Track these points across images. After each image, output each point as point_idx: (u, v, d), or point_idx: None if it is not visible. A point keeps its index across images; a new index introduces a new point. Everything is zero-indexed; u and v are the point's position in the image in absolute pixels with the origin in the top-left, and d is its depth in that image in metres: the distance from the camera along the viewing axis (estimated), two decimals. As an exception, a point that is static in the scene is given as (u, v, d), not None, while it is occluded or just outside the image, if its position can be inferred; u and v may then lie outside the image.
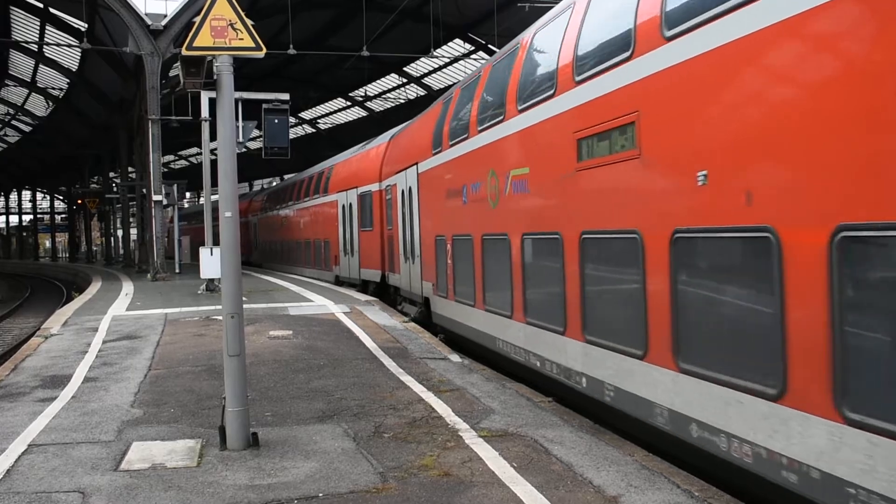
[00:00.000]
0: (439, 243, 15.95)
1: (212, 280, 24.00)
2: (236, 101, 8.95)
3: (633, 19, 8.06)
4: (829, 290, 5.44)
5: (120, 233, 65.90)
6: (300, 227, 35.56)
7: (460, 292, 14.71)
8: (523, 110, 11.12)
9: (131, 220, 60.55)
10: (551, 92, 10.11)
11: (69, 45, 42.79)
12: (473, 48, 44.81)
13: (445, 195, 15.44)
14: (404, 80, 52.68)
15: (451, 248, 15.07)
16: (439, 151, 15.77)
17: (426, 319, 17.71)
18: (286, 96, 17.52)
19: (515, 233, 11.60)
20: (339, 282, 28.55)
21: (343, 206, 27.19)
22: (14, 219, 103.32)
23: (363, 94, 56.17)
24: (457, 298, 14.93)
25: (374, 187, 23.16)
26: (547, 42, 10.73)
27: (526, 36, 11.84)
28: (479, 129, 13.06)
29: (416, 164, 17.77)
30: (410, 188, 18.43)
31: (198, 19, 8.44)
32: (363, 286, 25.33)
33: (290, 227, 37.77)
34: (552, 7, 12.02)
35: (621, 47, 8.27)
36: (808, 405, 5.69)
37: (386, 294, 22.69)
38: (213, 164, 10.37)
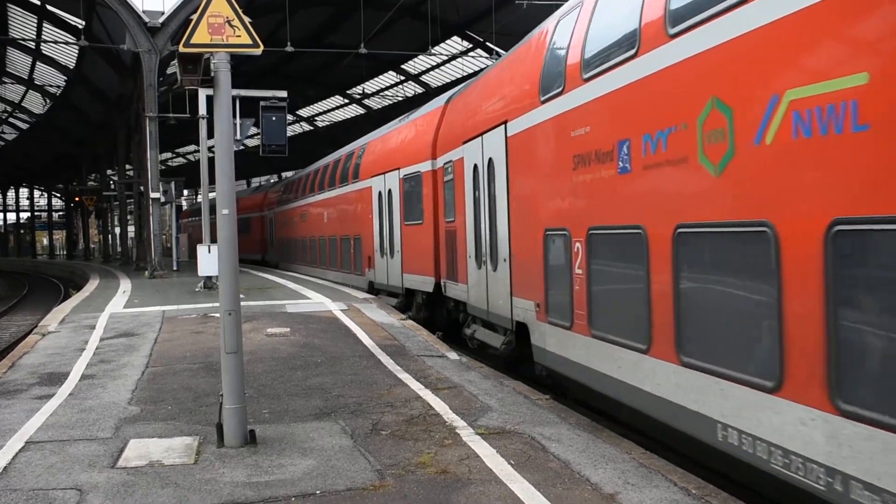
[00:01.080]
0: (553, 241, 10.66)
1: (209, 277, 23.98)
2: (234, 98, 8.92)
3: None
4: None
5: (118, 230, 65.76)
6: (324, 222, 30.60)
7: (609, 324, 9.13)
8: None
9: (129, 217, 60.55)
10: None
11: (67, 43, 42.76)
12: (471, 46, 44.79)
13: (571, 164, 9.85)
14: (402, 78, 52.64)
15: (584, 249, 9.56)
16: (555, 96, 10.38)
17: (514, 354, 12.73)
18: (284, 94, 17.46)
19: (800, 218, 5.83)
20: (373, 289, 23.21)
21: (379, 194, 22.22)
22: (11, 216, 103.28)
23: (361, 92, 56.12)
24: (600, 333, 9.27)
25: (425, 167, 18.45)
26: None
27: None
28: (676, 30, 7.44)
29: (504, 123, 12.56)
30: (491, 161, 13.32)
31: (195, 16, 8.43)
32: (406, 297, 20.41)
33: (312, 221, 32.98)
34: (552, 5, 12.07)
35: None
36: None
37: (440, 309, 18.24)
38: (211, 161, 10.36)
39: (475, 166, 14.29)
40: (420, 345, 14.55)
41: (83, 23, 36.59)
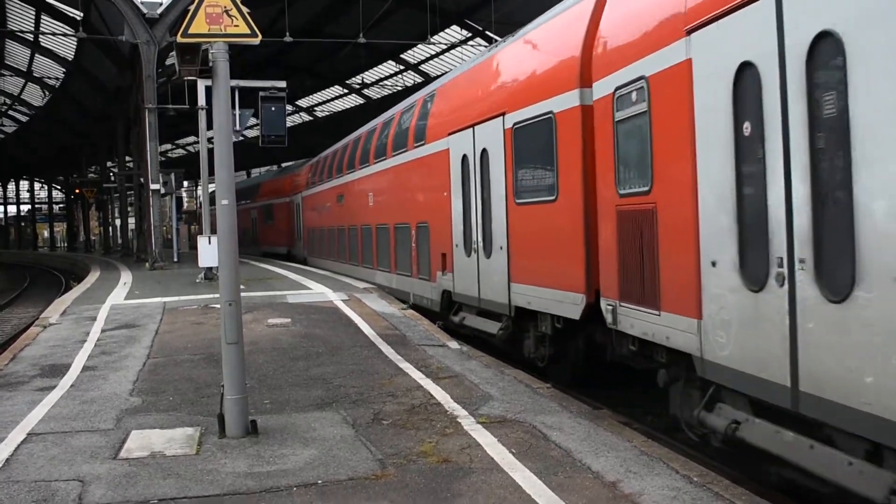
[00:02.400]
0: None
1: (210, 269, 23.97)
2: (233, 88, 8.89)
3: None
4: None
5: (118, 222, 65.78)
6: (369, 206, 23.15)
7: None
8: None
9: (129, 209, 60.51)
10: None
11: (65, 35, 42.63)
12: (470, 35, 44.64)
13: None
14: (401, 68, 52.51)
15: None
16: None
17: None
18: (283, 84, 17.40)
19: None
20: (450, 304, 16.15)
21: (463, 160, 14.75)
22: (12, 209, 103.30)
23: (360, 82, 55.96)
24: None
25: (564, 102, 11.06)
26: None
27: None
28: None
29: None
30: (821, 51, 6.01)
31: (193, 6, 8.40)
32: (516, 324, 13.02)
33: (353, 205, 25.47)
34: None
35: None
36: None
37: (587, 349, 11.60)
38: (211, 152, 10.35)
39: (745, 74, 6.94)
40: (421, 334, 14.55)
41: (81, 14, 36.48)
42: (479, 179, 14.01)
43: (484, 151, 13.72)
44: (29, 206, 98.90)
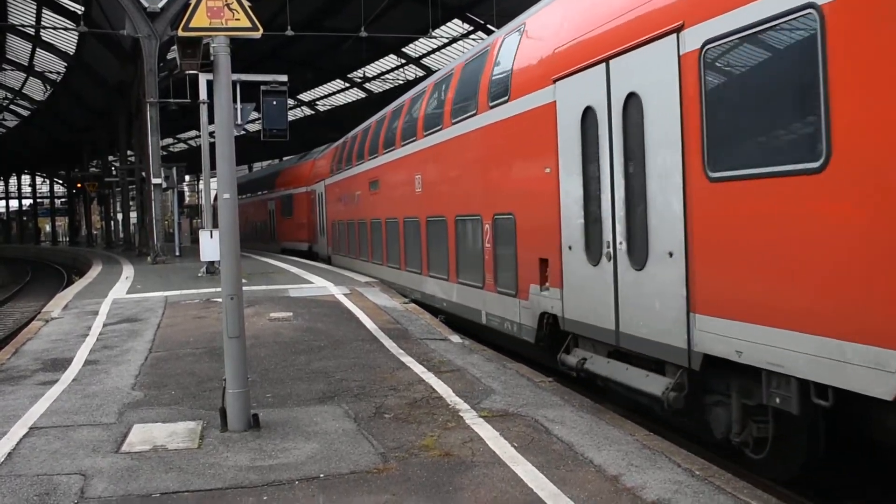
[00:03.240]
0: None
1: (212, 262, 23.99)
2: (234, 83, 8.93)
3: None
4: None
5: (120, 216, 65.80)
6: (420, 192, 17.89)
7: None
8: None
9: (131, 203, 60.51)
10: None
11: (66, 29, 42.60)
12: (472, 28, 44.57)
13: None
14: (403, 61, 52.45)
15: None
16: None
17: None
18: (284, 78, 17.40)
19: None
20: (555, 335, 11.29)
21: (586, 116, 10.02)
22: (14, 203, 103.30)
23: (362, 76, 55.94)
24: None
25: None
26: None
27: None
28: None
29: None
30: None
31: (194, 0, 8.39)
32: (694, 383, 8.28)
33: (395, 192, 20.38)
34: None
35: None
36: None
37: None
38: (213, 146, 10.34)
39: None
40: (423, 328, 14.55)
41: (82, 8, 36.51)
42: (621, 144, 9.16)
43: (631, 98, 8.96)
44: (31, 201, 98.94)
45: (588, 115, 9.90)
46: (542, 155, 11.27)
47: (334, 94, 64.39)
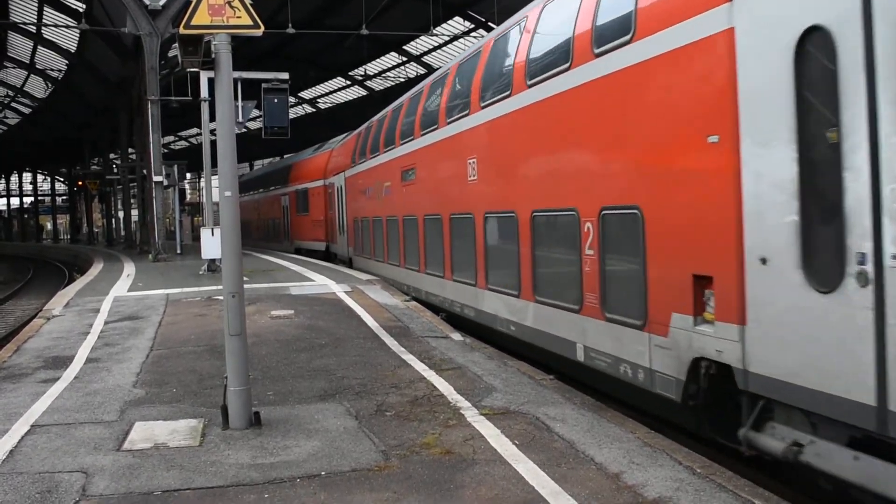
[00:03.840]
0: None
1: (213, 260, 23.99)
2: (235, 80, 8.91)
3: None
4: None
5: (121, 214, 65.78)
6: (475, 180, 14.36)
7: None
8: None
9: (132, 201, 60.52)
10: None
11: (67, 26, 42.59)
12: (473, 26, 44.55)
13: None
14: (404, 59, 52.42)
15: None
16: None
17: None
18: (285, 76, 17.39)
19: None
20: (717, 393, 7.63)
21: (802, 53, 6.29)
22: (15, 201, 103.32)
23: (363, 74, 55.89)
24: None
25: None
26: None
27: None
28: None
29: None
30: None
31: (195, -2, 8.39)
32: None
33: (439, 182, 16.73)
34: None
35: None
36: None
37: None
38: (214, 144, 10.35)
39: None
40: (424, 326, 14.55)
41: (84, 6, 36.45)
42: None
43: None
44: (32, 199, 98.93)
45: (812, 41, 6.20)
46: (699, 116, 7.67)
47: (335, 91, 64.35)
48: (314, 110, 68.55)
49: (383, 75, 55.88)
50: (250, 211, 50.48)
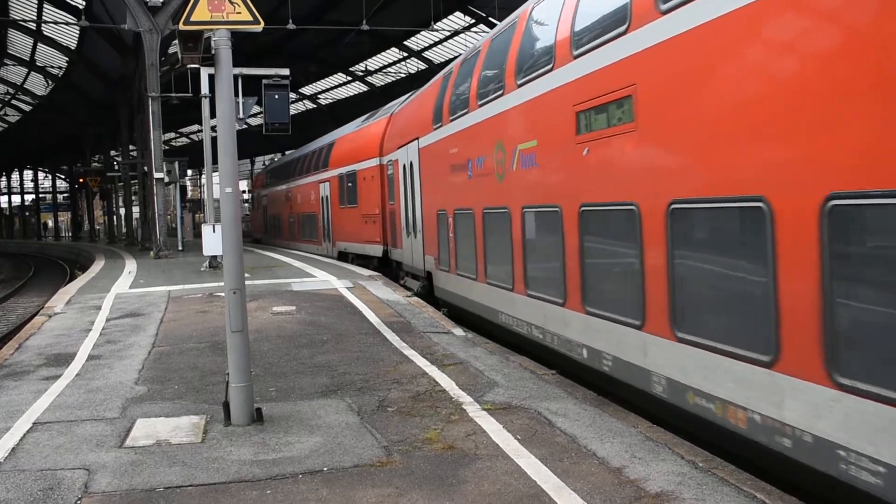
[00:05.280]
0: None
1: (214, 257, 23.99)
2: (236, 77, 8.90)
3: None
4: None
5: (122, 211, 65.78)
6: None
7: None
8: None
9: (133, 198, 60.54)
10: None
11: (67, 23, 42.55)
12: (474, 21, 44.53)
13: None
14: (405, 55, 52.39)
15: None
16: None
17: None
18: (286, 71, 17.37)
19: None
20: None
21: None
22: (16, 199, 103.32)
23: (364, 69, 55.92)
24: None
25: None
26: None
27: None
28: None
29: None
30: None
31: (195, -7, 8.37)
32: None
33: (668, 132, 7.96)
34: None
35: None
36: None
37: None
38: (214, 140, 10.34)
39: None
40: (426, 321, 14.54)
41: (83, 3, 36.42)
42: None
43: None
44: (33, 196, 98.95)
45: None
46: None
47: (336, 87, 64.34)
48: (315, 106, 68.53)
49: (384, 71, 55.87)
50: (280, 204, 43.59)
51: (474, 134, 14.14)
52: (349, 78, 60.77)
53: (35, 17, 46.42)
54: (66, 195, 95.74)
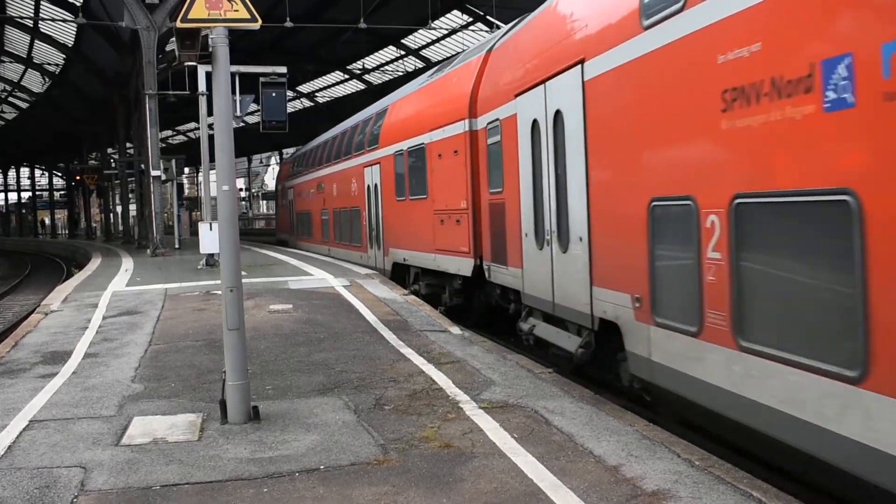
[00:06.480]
0: None
1: (211, 255, 23.97)
2: (233, 74, 8.86)
3: None
4: None
5: (119, 209, 65.71)
6: None
7: None
8: None
9: (130, 195, 60.47)
10: None
11: (64, 21, 42.49)
12: (471, 19, 44.51)
13: None
14: (402, 53, 52.37)
15: None
16: None
17: None
18: (283, 69, 17.34)
19: None
20: None
21: None
22: (13, 196, 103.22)
23: (361, 67, 55.82)
24: None
25: None
26: None
27: None
28: None
29: None
30: None
31: (192, -9, 8.36)
32: None
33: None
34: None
35: None
36: None
37: None
38: (212, 138, 10.33)
39: None
40: (423, 320, 14.54)
41: (81, 0, 36.34)
42: None
43: None
44: (30, 193, 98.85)
45: None
46: None
47: (334, 85, 64.28)
48: (312, 104, 68.48)
49: (381, 69, 55.81)
50: (310, 198, 34.08)
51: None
52: (347, 76, 60.73)
53: (32, 15, 46.35)
54: (62, 193, 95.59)
